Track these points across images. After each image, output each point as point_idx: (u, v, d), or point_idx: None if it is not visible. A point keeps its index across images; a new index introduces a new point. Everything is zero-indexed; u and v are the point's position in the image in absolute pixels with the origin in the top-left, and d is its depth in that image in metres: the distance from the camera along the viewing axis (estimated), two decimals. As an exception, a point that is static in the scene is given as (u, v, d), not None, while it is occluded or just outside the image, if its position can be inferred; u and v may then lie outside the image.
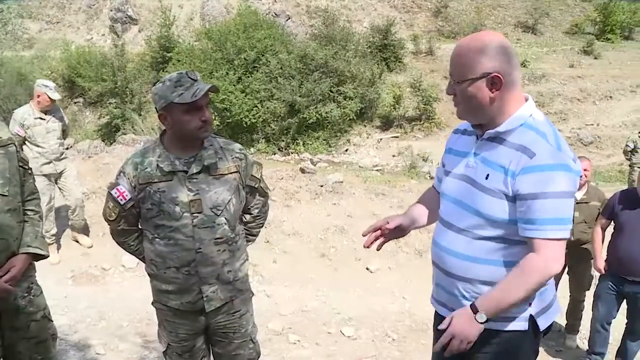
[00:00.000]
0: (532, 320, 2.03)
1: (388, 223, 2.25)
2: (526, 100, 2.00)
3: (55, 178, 6.12)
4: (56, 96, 5.93)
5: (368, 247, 2.29)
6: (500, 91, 1.90)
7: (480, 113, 1.97)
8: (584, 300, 5.01)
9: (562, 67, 18.80)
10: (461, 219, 2.04)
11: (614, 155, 14.40)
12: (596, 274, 4.67)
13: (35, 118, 5.90)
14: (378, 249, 2.29)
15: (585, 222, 4.74)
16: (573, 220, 4.67)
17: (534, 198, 1.85)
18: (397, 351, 4.72)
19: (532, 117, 1.96)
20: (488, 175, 1.95)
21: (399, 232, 2.30)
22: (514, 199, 1.90)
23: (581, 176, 4.68)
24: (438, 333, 2.33)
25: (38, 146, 5.91)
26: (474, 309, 1.91)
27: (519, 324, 2.02)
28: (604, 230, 4.47)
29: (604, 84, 17.23)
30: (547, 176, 1.84)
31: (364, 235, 2.28)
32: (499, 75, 1.88)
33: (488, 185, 1.94)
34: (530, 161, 1.85)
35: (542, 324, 2.06)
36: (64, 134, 6.33)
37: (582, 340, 5.16)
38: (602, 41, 20.70)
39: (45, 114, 5.95)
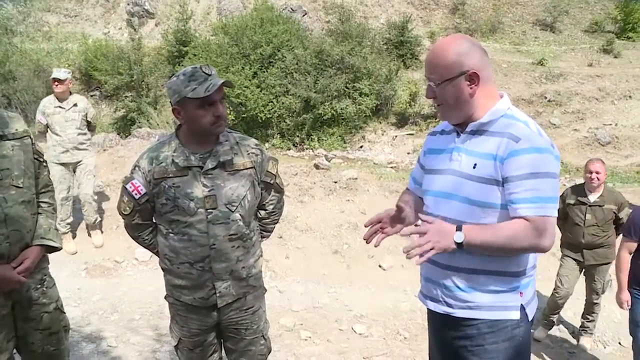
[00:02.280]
0: (522, 309, 2.14)
1: (390, 211, 2.28)
2: (501, 96, 2.14)
3: (72, 167, 6.19)
4: (59, 75, 6.00)
5: (368, 242, 2.32)
6: (478, 86, 2.05)
7: (462, 110, 2.10)
8: (598, 304, 4.97)
9: (580, 65, 18.56)
10: (452, 209, 2.10)
11: (633, 155, 14.22)
12: (613, 277, 4.55)
13: (55, 107, 6.04)
14: (376, 246, 2.30)
15: (598, 226, 4.70)
16: (584, 222, 4.58)
17: (521, 179, 1.95)
18: (409, 349, 4.69)
19: (510, 109, 2.11)
20: (475, 164, 2.05)
21: (398, 223, 2.30)
22: (502, 183, 2.00)
23: (592, 179, 4.65)
24: (432, 330, 2.43)
25: (56, 134, 6.01)
26: (458, 228, 1.96)
27: (514, 313, 2.12)
28: (631, 254, 3.98)
29: (624, 84, 16.97)
30: (533, 158, 1.96)
31: (366, 226, 2.32)
32: (476, 71, 2.03)
33: (476, 173, 2.05)
34: (516, 145, 1.97)
35: (530, 312, 2.18)
36: (90, 126, 6.38)
37: (596, 342, 5.11)
38: (623, 40, 20.36)
39: (66, 103, 6.05)
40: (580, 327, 5.14)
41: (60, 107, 6.04)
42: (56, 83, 5.99)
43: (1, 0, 18.83)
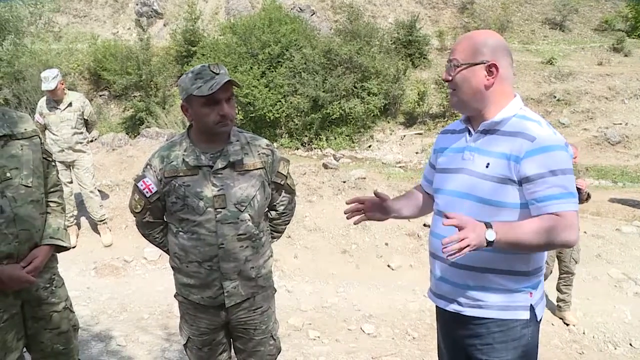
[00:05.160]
0: (532, 309, 2.14)
1: (373, 197, 2.42)
2: (514, 96, 2.14)
3: (68, 165, 6.22)
4: (47, 86, 5.92)
5: (348, 218, 2.46)
6: (495, 79, 2.07)
7: (474, 100, 2.11)
8: (575, 273, 5.30)
9: (590, 64, 18.47)
10: (466, 210, 2.08)
11: (643, 155, 14.14)
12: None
13: (51, 107, 6.05)
14: (355, 223, 2.44)
15: None
16: None
17: (544, 177, 1.96)
18: (418, 350, 4.68)
19: (522, 109, 2.12)
20: (488, 164, 2.06)
21: (379, 212, 2.44)
22: (520, 183, 2.00)
23: (574, 162, 5.01)
24: (441, 329, 2.44)
25: (53, 134, 6.05)
26: (488, 226, 1.93)
27: (523, 313, 2.13)
28: None
29: (634, 82, 16.86)
30: (552, 156, 1.97)
31: (347, 203, 2.44)
32: (497, 64, 2.05)
33: (489, 172, 2.05)
34: (532, 144, 1.98)
35: (539, 313, 2.18)
36: (87, 124, 6.39)
37: (606, 343, 5.06)
38: (634, 38, 20.24)
39: (61, 103, 6.06)
40: (560, 301, 5.34)
41: (55, 107, 6.07)
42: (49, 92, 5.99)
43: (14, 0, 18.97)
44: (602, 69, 17.98)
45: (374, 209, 2.42)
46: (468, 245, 1.86)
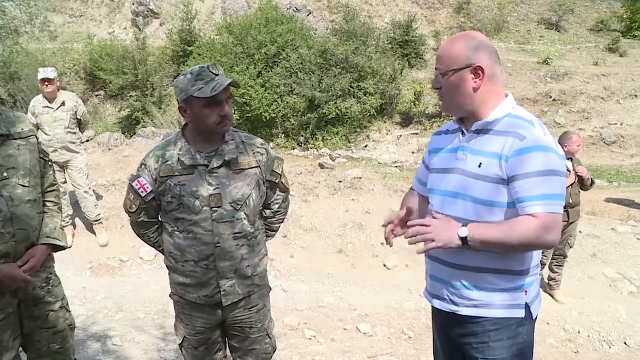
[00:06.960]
0: (527, 308, 2.14)
1: (406, 212, 2.25)
2: (506, 96, 2.15)
3: (62, 166, 6.20)
4: (49, 74, 5.94)
5: (391, 245, 2.32)
6: (482, 81, 2.07)
7: (464, 103, 2.12)
8: (567, 256, 5.71)
9: (585, 65, 18.51)
10: (459, 209, 2.11)
11: (638, 155, 14.19)
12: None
13: (44, 107, 6.04)
14: (391, 246, 2.33)
15: (577, 186, 5.46)
16: (572, 185, 5.32)
17: (528, 177, 1.96)
18: (413, 349, 4.69)
19: (514, 108, 2.12)
20: (481, 163, 2.06)
21: (405, 226, 2.27)
22: (508, 182, 2.00)
23: (577, 151, 5.41)
24: (437, 328, 2.44)
25: (45, 134, 6.02)
26: (464, 225, 1.96)
27: (518, 312, 2.13)
28: None
29: (629, 83, 16.91)
30: (539, 157, 1.97)
31: (384, 226, 2.30)
32: (482, 66, 2.05)
33: (482, 172, 2.05)
34: (522, 144, 1.98)
35: (535, 311, 2.18)
36: (80, 125, 6.37)
37: (601, 342, 5.09)
38: (629, 39, 20.28)
39: (54, 102, 6.03)
40: (551, 279, 5.73)
41: (48, 107, 6.05)
42: (46, 83, 5.96)
43: (7, 1, 18.91)
44: (597, 69, 18.02)
45: (402, 224, 2.26)
46: (434, 241, 1.92)
